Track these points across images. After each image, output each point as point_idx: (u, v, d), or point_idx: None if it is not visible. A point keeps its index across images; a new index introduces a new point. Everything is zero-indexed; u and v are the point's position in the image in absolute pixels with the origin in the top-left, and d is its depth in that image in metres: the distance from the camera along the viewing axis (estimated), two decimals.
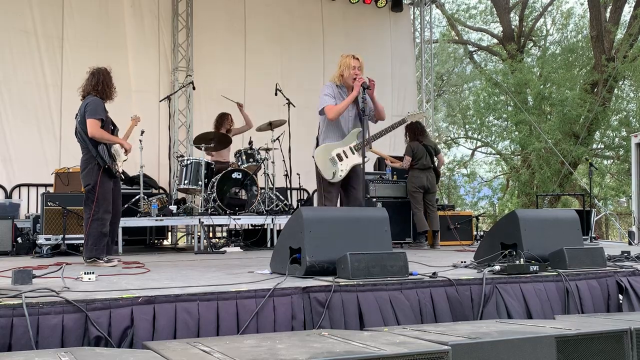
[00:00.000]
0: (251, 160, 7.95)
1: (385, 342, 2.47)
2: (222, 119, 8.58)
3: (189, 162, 7.61)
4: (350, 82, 5.34)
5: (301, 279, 3.59)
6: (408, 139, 8.26)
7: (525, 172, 18.34)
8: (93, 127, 5.01)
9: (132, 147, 5.46)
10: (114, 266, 4.89)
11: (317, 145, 5.51)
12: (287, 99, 8.27)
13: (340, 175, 5.35)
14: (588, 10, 17.44)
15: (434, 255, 6.24)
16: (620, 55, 15.87)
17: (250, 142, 8.12)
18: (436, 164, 8.17)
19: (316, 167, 5.46)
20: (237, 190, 7.64)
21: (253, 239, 8.06)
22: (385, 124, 5.81)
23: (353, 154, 5.40)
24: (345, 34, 11.35)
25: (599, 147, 19.20)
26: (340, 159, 5.38)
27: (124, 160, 5.48)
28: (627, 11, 17.50)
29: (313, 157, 5.50)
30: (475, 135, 22.69)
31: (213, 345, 2.47)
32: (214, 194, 7.39)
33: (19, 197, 8.59)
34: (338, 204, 5.58)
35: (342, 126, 5.43)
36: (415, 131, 8.18)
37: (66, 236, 6.57)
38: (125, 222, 7.03)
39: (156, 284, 3.50)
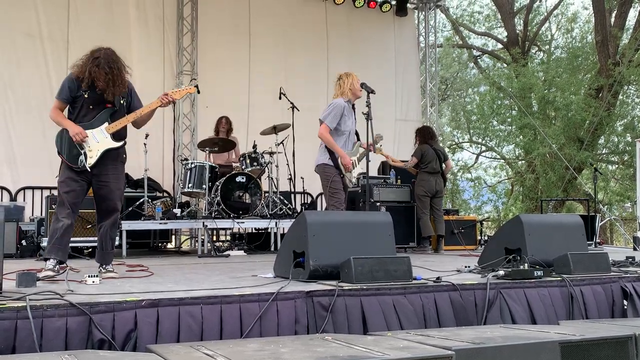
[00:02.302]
0: (255, 163, 7.96)
1: (389, 347, 2.47)
2: (217, 124, 8.65)
3: (193, 165, 7.60)
4: (358, 94, 6.04)
5: (305, 283, 3.59)
6: (418, 142, 8.26)
7: (530, 176, 18.29)
8: (52, 107, 4.53)
9: (82, 132, 4.49)
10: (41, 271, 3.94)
11: (329, 155, 5.93)
12: (292, 103, 8.26)
13: (351, 183, 6.22)
14: (593, 15, 17.41)
15: (438, 259, 6.23)
16: (626, 60, 15.84)
17: (255, 146, 8.13)
18: (443, 169, 8.17)
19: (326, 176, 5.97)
20: (241, 194, 7.65)
21: (257, 242, 8.05)
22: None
23: (358, 164, 6.22)
24: (350, 38, 11.36)
25: (603, 152, 19.16)
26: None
27: (103, 150, 4.50)
28: (632, 15, 17.48)
29: (318, 168, 6.03)
30: (480, 140, 22.67)
31: (216, 349, 2.47)
32: (218, 198, 7.40)
33: (24, 200, 8.59)
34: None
35: (348, 140, 6.11)
36: (425, 135, 8.20)
37: (70, 239, 6.54)
38: (129, 225, 7.05)
39: (160, 287, 3.50)
